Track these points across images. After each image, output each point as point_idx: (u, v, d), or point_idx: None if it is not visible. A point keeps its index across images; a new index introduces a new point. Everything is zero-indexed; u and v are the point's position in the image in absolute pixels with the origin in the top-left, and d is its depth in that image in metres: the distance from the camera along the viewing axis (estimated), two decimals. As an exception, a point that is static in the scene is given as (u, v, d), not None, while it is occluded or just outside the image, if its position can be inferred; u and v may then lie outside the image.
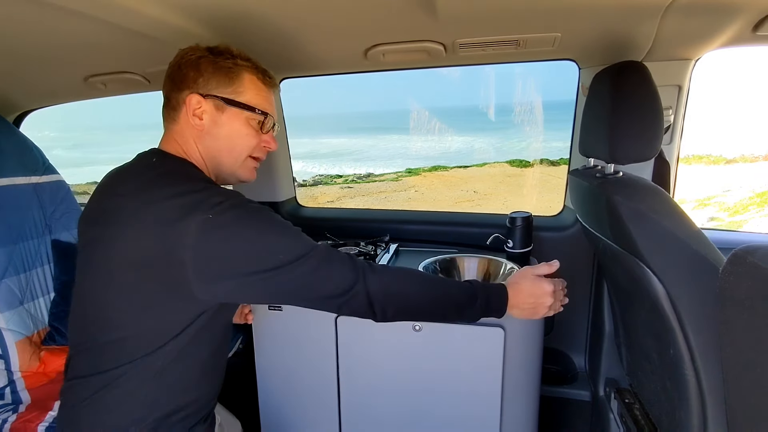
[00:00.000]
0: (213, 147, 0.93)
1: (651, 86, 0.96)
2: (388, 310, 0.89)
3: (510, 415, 1.22)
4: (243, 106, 0.92)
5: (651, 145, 0.98)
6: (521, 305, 0.98)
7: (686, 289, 0.87)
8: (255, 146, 0.96)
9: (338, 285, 0.85)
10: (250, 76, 0.94)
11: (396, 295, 0.90)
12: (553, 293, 1.00)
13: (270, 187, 1.87)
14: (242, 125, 0.93)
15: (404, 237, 1.71)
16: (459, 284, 0.96)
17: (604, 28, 1.14)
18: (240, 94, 0.92)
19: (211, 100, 0.90)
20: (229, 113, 0.91)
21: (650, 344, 1.06)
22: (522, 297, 0.98)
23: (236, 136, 0.93)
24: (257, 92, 0.94)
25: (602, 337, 1.47)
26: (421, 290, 0.93)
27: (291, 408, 1.35)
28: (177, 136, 0.93)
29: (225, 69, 0.91)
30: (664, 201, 0.92)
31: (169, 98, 0.93)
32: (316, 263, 0.84)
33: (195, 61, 0.90)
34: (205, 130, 0.91)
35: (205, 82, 0.90)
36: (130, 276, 0.82)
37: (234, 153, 0.94)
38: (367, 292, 0.87)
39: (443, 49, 1.27)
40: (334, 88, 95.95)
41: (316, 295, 0.86)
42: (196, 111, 0.90)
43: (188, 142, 0.92)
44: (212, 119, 0.91)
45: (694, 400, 0.91)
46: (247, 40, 1.26)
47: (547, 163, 16.39)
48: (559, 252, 1.60)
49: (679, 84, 1.32)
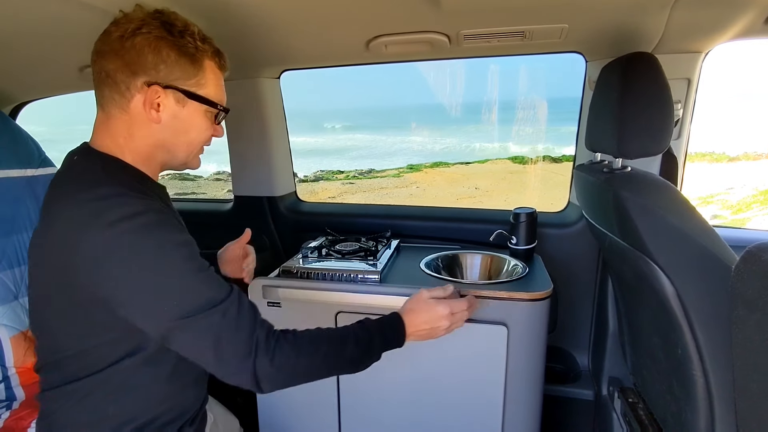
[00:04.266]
0: (167, 140, 0.85)
1: (662, 78, 0.93)
2: (278, 386, 0.81)
3: (512, 414, 1.21)
4: (205, 101, 0.85)
5: (660, 139, 0.95)
6: (417, 332, 0.96)
7: (695, 287, 0.85)
8: (209, 138, 0.91)
9: (223, 358, 0.76)
10: (210, 63, 0.85)
11: (289, 376, 0.81)
12: (450, 315, 0.98)
13: (269, 181, 1.84)
14: (201, 119, 0.86)
15: (406, 233, 1.69)
16: (355, 336, 0.87)
17: (612, 20, 1.11)
18: (202, 86, 0.84)
19: (172, 92, 0.81)
20: (190, 107, 0.84)
21: (656, 343, 1.04)
22: (417, 323, 0.96)
23: (194, 130, 0.86)
24: (217, 83, 0.87)
25: (606, 336, 1.45)
26: (317, 362, 0.83)
27: (289, 405, 1.34)
28: (118, 126, 0.82)
29: (188, 56, 0.81)
30: (674, 197, 0.90)
31: (116, 81, 0.79)
32: (206, 328, 0.74)
33: (155, 43, 0.78)
34: (162, 124, 0.82)
35: (168, 71, 0.79)
36: (56, 296, 0.79)
37: (190, 147, 0.88)
38: (254, 374, 0.77)
39: (447, 40, 1.24)
40: (332, 81, 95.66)
41: (199, 359, 0.77)
42: (153, 104, 0.80)
43: (130, 134, 0.82)
44: (171, 113, 0.82)
45: (701, 401, 0.89)
46: (246, 31, 1.24)
47: (549, 160, 16.34)
48: (563, 248, 1.58)
49: (689, 77, 1.29)
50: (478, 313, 1.16)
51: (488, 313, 1.16)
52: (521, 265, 1.34)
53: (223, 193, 13.15)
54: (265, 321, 0.81)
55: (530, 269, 1.31)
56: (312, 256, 1.38)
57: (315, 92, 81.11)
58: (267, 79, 1.72)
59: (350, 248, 1.42)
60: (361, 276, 1.24)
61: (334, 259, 1.34)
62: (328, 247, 1.43)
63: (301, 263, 1.32)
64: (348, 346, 0.86)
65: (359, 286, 1.21)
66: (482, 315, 1.16)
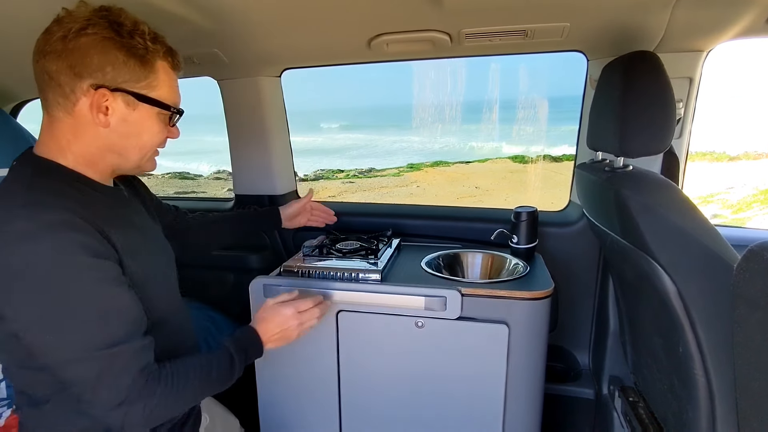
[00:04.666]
0: (117, 144, 0.80)
1: (664, 77, 0.93)
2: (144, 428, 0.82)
3: (513, 413, 1.21)
4: (157, 103, 0.81)
5: (662, 138, 0.95)
6: (272, 338, 1.00)
7: (697, 286, 0.85)
8: (163, 140, 0.87)
9: (97, 398, 0.74)
10: (162, 63, 0.81)
11: (155, 420, 0.80)
12: (297, 315, 1.03)
13: (269, 180, 1.84)
14: (153, 122, 0.82)
15: (407, 232, 1.69)
16: (217, 360, 0.88)
17: (614, 18, 1.11)
18: (154, 88, 0.80)
19: (121, 95, 0.77)
20: (141, 110, 0.80)
21: (657, 342, 1.04)
22: (269, 329, 1.00)
23: (146, 133, 0.82)
24: (170, 84, 0.83)
25: (607, 335, 1.45)
26: (185, 396, 0.82)
27: (290, 404, 1.34)
28: (62, 129, 0.78)
29: (138, 57, 0.77)
30: (675, 196, 0.90)
31: (59, 83, 0.74)
32: (87, 364, 0.71)
33: (101, 44, 0.73)
34: (111, 127, 0.78)
35: (115, 74, 0.75)
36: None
37: (142, 151, 0.84)
38: (123, 421, 0.75)
39: (449, 39, 1.24)
40: (328, 80, 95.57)
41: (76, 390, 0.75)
42: (101, 107, 0.76)
43: (75, 138, 0.78)
44: (120, 116, 0.78)
45: (703, 400, 0.89)
46: (247, 29, 1.24)
47: (549, 159, 16.34)
48: (563, 248, 1.58)
49: (690, 76, 1.29)
50: (479, 312, 1.16)
51: (489, 312, 1.16)
52: (522, 264, 1.34)
53: (223, 192, 13.15)
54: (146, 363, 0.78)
55: (531, 268, 1.31)
56: (313, 255, 1.37)
57: (312, 92, 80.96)
58: (268, 77, 1.71)
59: (351, 247, 1.42)
60: (362, 275, 1.24)
61: (335, 258, 1.34)
62: (329, 246, 1.43)
63: (302, 262, 1.32)
64: (213, 374, 0.87)
65: (360, 285, 1.21)
66: (483, 314, 1.16)
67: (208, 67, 1.58)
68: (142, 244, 0.87)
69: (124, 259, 0.79)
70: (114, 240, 0.77)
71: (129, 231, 0.83)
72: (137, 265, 0.81)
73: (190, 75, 1.66)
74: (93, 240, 0.73)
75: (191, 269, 1.84)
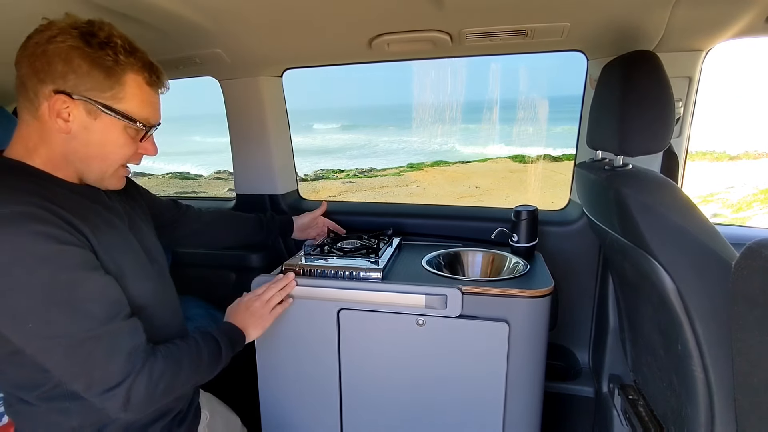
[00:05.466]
0: (79, 152, 0.80)
1: (663, 76, 0.94)
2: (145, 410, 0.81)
3: (513, 411, 1.21)
4: (122, 115, 0.79)
5: (661, 137, 0.96)
6: (248, 324, 1.07)
7: (696, 284, 0.86)
8: (131, 155, 0.85)
9: (93, 382, 0.75)
10: (134, 77, 0.80)
11: (158, 398, 0.81)
12: (257, 297, 1.13)
13: (270, 179, 1.85)
14: (119, 134, 0.81)
15: (407, 231, 1.69)
16: (204, 342, 0.92)
17: (614, 18, 1.12)
18: (120, 100, 0.79)
19: (83, 103, 0.77)
20: (104, 121, 0.79)
21: (657, 340, 1.04)
22: (238, 317, 1.07)
23: (110, 145, 0.81)
24: (141, 98, 0.81)
25: (606, 333, 1.46)
26: (181, 373, 0.84)
27: (291, 401, 1.34)
28: (29, 131, 0.79)
29: (104, 68, 0.76)
30: (675, 194, 0.91)
31: (26, 87, 0.76)
32: (73, 348, 0.72)
33: (66, 52, 0.74)
34: (72, 134, 0.78)
35: (77, 82, 0.75)
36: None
37: (106, 162, 0.83)
38: (128, 398, 0.76)
39: (449, 38, 1.25)
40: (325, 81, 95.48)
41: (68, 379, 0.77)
42: (60, 112, 0.76)
43: (42, 141, 0.79)
44: (82, 124, 0.78)
45: (701, 397, 0.89)
46: (248, 29, 1.24)
47: (549, 159, 16.34)
48: (563, 246, 1.59)
49: (690, 76, 1.30)
50: (479, 310, 1.16)
51: (490, 310, 1.16)
52: (522, 262, 1.35)
53: (224, 192, 13.15)
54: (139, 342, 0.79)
55: (531, 267, 1.32)
56: (314, 254, 1.38)
57: (309, 92, 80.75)
58: (269, 77, 1.72)
59: (352, 246, 1.42)
60: (364, 273, 1.24)
61: (336, 257, 1.35)
62: (330, 244, 1.44)
63: (303, 261, 1.33)
64: (204, 358, 0.90)
65: (361, 284, 1.22)
66: (484, 312, 1.16)
67: (209, 67, 1.59)
68: (119, 242, 0.87)
69: (96, 250, 0.79)
70: (83, 230, 0.78)
71: (102, 226, 0.83)
72: (110, 260, 0.82)
73: (192, 75, 1.67)
74: (56, 229, 0.73)
75: (193, 268, 1.85)
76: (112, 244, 0.84)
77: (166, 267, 1.03)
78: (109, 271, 0.80)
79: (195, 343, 0.91)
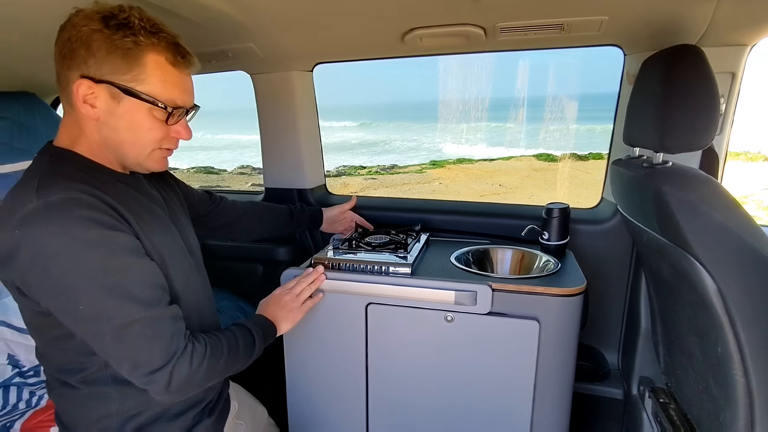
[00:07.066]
0: (112, 138, 0.81)
1: (708, 71, 0.91)
2: (185, 394, 0.84)
3: (541, 410, 1.20)
4: (144, 97, 0.78)
5: (705, 133, 0.93)
6: (279, 317, 1.09)
7: (738, 285, 0.83)
8: (162, 138, 0.84)
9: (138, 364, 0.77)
10: (155, 57, 0.78)
11: (198, 383, 0.83)
12: (287, 291, 1.16)
13: (299, 173, 1.87)
14: (144, 117, 0.80)
15: (435, 227, 1.69)
16: (240, 332, 0.95)
17: (655, 12, 1.09)
18: (141, 81, 0.78)
19: (105, 86, 0.77)
20: (128, 104, 0.78)
21: (693, 342, 1.02)
22: (273, 310, 1.10)
23: (138, 129, 0.81)
24: (164, 78, 0.79)
25: (638, 334, 1.43)
26: (220, 360, 0.87)
27: (317, 394, 1.36)
28: (69, 121, 0.82)
29: (122, 50, 0.75)
30: (717, 192, 0.88)
31: (59, 76, 0.79)
32: (120, 331, 0.74)
33: (86, 37, 0.74)
34: (101, 121, 0.79)
35: (98, 65, 0.75)
36: (20, 306, 0.82)
37: (136, 147, 0.83)
38: (170, 380, 0.78)
39: (483, 33, 1.24)
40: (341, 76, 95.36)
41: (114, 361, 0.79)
42: (87, 98, 0.77)
43: (81, 129, 0.81)
44: (107, 109, 0.78)
45: (741, 402, 0.87)
46: (279, 23, 1.25)
47: (575, 158, 16.05)
48: (595, 245, 1.56)
49: (733, 71, 1.26)
50: (509, 308, 1.15)
51: (520, 308, 1.15)
52: (553, 260, 1.33)
53: (247, 186, 13.32)
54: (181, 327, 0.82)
55: (562, 265, 1.30)
56: (342, 248, 1.39)
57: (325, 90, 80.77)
58: (300, 72, 1.73)
59: (380, 241, 1.43)
60: (392, 268, 1.24)
61: (364, 251, 1.35)
62: (358, 239, 1.44)
63: (332, 254, 1.33)
64: (241, 350, 0.92)
65: (390, 279, 1.22)
66: (514, 309, 1.15)
67: (242, 61, 1.61)
68: (161, 231, 0.89)
69: (140, 238, 0.81)
70: (128, 217, 0.80)
71: (144, 215, 0.85)
72: (152, 248, 0.84)
73: (225, 69, 1.69)
74: (104, 215, 0.75)
75: (221, 260, 1.89)
76: (154, 233, 0.86)
77: (201, 258, 1.05)
78: (152, 259, 0.82)
79: (232, 333, 0.93)
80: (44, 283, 0.73)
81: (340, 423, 1.36)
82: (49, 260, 0.71)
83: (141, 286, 0.77)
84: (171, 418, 0.92)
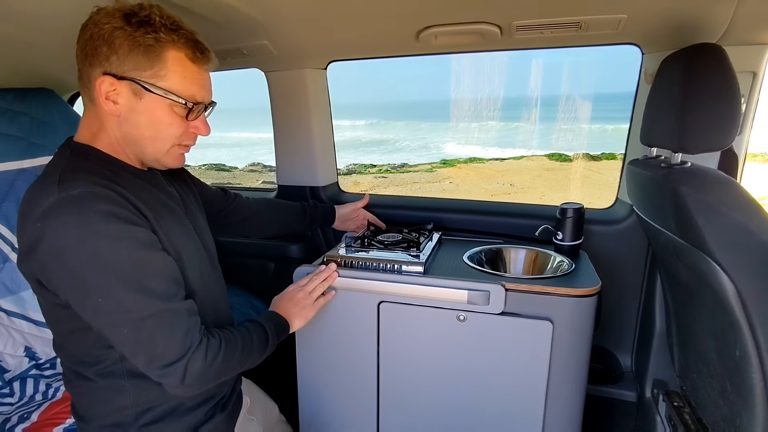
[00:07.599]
0: (133, 134, 0.83)
1: (729, 70, 0.90)
2: (200, 387, 0.84)
3: (554, 411, 1.19)
4: (165, 93, 0.80)
5: (725, 133, 0.91)
6: (292, 314, 1.09)
7: (758, 287, 0.82)
8: (181, 134, 0.86)
9: (154, 357, 0.77)
10: (175, 54, 0.80)
11: (212, 377, 0.84)
12: (300, 288, 1.16)
13: (312, 171, 1.87)
14: (165, 113, 0.82)
15: (447, 226, 1.68)
16: (254, 328, 0.95)
17: (675, 10, 1.07)
18: (162, 78, 0.79)
19: (127, 83, 0.78)
20: (149, 100, 0.80)
21: (710, 345, 1.00)
22: (286, 307, 1.10)
23: (158, 125, 0.82)
24: (183, 74, 0.81)
25: (652, 336, 1.41)
26: (234, 355, 0.87)
27: (328, 391, 1.36)
28: (90, 117, 0.84)
29: (144, 47, 0.77)
30: (737, 193, 0.87)
31: (81, 73, 0.81)
32: (137, 324, 0.75)
33: (108, 35, 0.76)
34: (123, 116, 0.81)
35: (120, 62, 0.77)
36: (39, 297, 0.83)
37: (156, 143, 0.84)
38: (185, 373, 0.79)
39: (499, 31, 1.23)
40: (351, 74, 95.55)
41: (130, 354, 0.79)
42: (109, 94, 0.78)
43: (101, 126, 0.83)
44: (129, 106, 0.80)
45: (759, 406, 0.85)
46: (293, 21, 1.25)
47: (587, 158, 15.91)
48: (609, 246, 1.54)
49: (754, 71, 1.24)
50: (522, 308, 1.15)
51: (533, 308, 1.14)
52: (567, 261, 1.32)
53: (258, 183, 13.40)
54: (196, 321, 0.82)
55: (576, 265, 1.29)
56: (355, 246, 1.39)
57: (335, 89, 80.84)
58: (314, 69, 1.74)
59: (393, 239, 1.43)
60: (405, 267, 1.24)
61: (376, 250, 1.35)
62: (371, 237, 1.44)
63: (344, 252, 1.34)
64: (255, 344, 0.93)
65: (403, 277, 1.21)
66: (527, 309, 1.15)
67: (256, 58, 1.61)
68: (177, 227, 0.90)
69: (157, 233, 0.82)
70: (145, 213, 0.81)
71: (161, 211, 0.87)
72: (169, 244, 0.85)
73: (240, 66, 1.70)
74: (123, 209, 0.76)
75: (233, 257, 1.90)
76: (170, 228, 0.87)
77: (216, 255, 1.06)
78: (169, 254, 0.83)
79: (246, 328, 0.94)
80: (64, 275, 0.74)
81: (351, 420, 1.36)
82: (69, 252, 0.72)
83: (158, 280, 0.78)
84: (184, 413, 0.93)
